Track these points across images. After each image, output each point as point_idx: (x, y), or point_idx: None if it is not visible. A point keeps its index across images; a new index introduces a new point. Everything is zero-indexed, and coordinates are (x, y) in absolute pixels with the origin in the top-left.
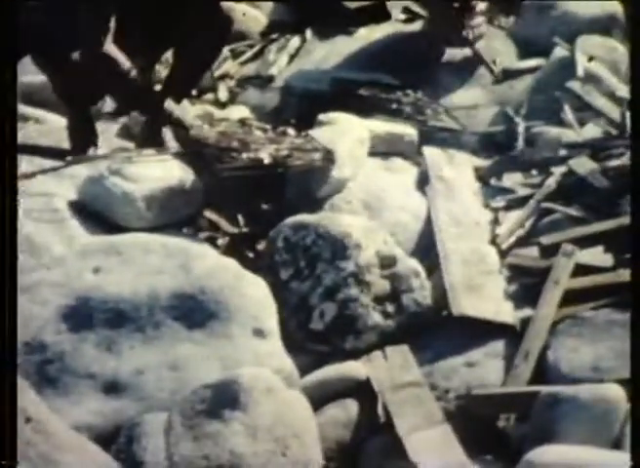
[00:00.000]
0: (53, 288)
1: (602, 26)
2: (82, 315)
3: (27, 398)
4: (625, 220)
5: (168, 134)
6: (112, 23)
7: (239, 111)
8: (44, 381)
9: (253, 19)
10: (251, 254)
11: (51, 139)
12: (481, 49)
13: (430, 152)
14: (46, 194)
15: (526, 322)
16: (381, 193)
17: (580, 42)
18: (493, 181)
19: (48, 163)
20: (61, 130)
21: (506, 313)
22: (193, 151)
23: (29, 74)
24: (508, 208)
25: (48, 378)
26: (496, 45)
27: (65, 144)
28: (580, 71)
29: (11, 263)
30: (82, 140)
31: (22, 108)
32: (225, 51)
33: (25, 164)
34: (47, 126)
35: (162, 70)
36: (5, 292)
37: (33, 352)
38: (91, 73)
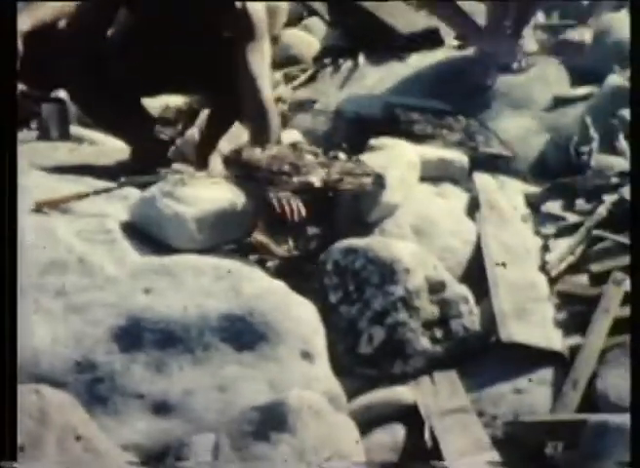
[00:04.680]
0: (104, 308)
1: None
2: (133, 335)
3: (78, 416)
4: None
5: (216, 157)
6: None
7: (291, 135)
8: (94, 400)
9: (306, 43)
10: (300, 278)
11: (106, 161)
12: (534, 76)
13: (481, 178)
14: (98, 215)
15: (575, 349)
16: (432, 218)
17: None
18: (543, 208)
19: (100, 184)
20: (116, 151)
21: (555, 340)
22: (244, 174)
23: None
24: (559, 235)
25: (98, 397)
26: (548, 72)
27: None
28: None
29: (10, 264)
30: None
31: (77, 130)
32: (278, 75)
33: (78, 185)
34: (101, 147)
35: None
36: (5, 293)
37: (84, 371)
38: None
